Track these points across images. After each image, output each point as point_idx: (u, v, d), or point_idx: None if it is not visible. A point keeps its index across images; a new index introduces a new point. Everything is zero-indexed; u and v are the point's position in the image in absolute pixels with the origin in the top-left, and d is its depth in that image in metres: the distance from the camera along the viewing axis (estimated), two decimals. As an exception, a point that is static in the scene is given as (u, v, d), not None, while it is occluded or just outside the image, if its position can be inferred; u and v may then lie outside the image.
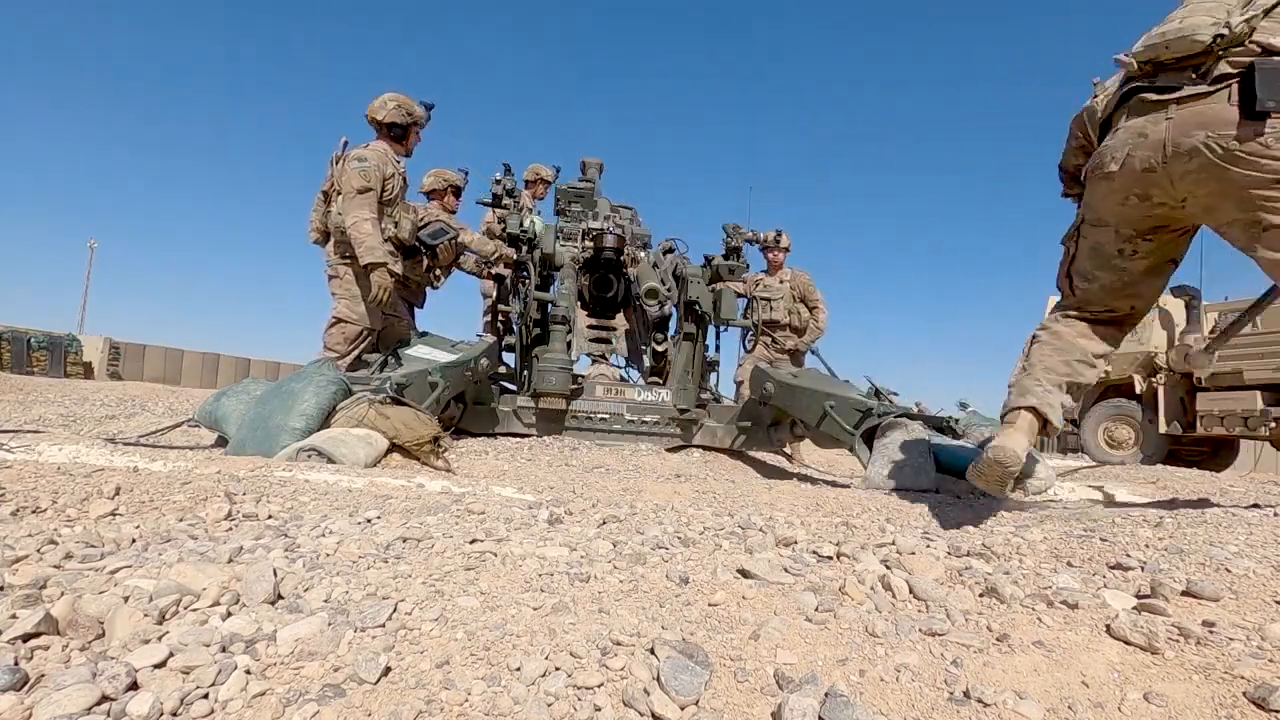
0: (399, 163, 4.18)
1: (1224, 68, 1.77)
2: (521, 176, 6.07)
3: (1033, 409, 2.13)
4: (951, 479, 3.33)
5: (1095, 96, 2.18)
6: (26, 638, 0.84)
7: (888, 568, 1.22)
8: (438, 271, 4.78)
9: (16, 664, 0.77)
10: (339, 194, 3.95)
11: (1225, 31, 1.75)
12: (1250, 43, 1.76)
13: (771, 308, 5.82)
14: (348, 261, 4.05)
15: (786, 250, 6.00)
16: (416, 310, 4.76)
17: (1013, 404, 2.16)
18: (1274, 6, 1.75)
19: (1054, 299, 11.08)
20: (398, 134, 4.13)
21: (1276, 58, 1.71)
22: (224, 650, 0.82)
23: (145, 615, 0.89)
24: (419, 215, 4.59)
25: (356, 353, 4.06)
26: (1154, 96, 1.85)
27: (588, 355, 5.06)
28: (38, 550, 1.15)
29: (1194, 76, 1.81)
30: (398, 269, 4.09)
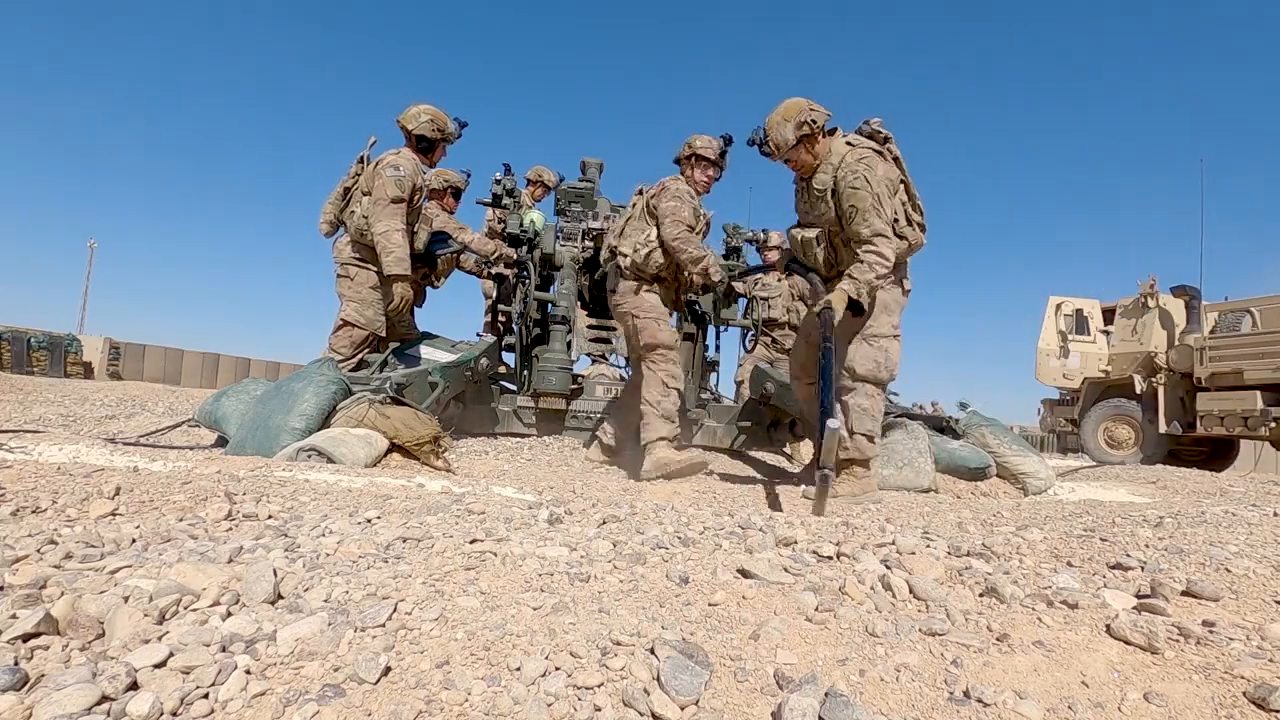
0: (424, 174, 4.19)
1: (609, 268, 3.72)
2: (524, 175, 6.05)
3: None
4: (951, 479, 3.33)
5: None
6: (26, 638, 0.84)
7: (888, 568, 1.22)
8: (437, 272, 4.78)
9: (16, 664, 0.77)
10: (365, 195, 3.93)
11: (608, 253, 3.74)
12: (614, 249, 3.59)
13: (770, 306, 5.80)
14: (364, 264, 4.03)
15: (776, 249, 5.98)
16: (416, 310, 4.76)
17: None
18: (623, 228, 3.58)
19: (1054, 299, 11.02)
20: (424, 146, 4.12)
21: (621, 259, 3.52)
22: (224, 650, 0.82)
23: (145, 615, 0.89)
24: (432, 225, 4.60)
25: (360, 356, 4.06)
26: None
27: (588, 355, 5.06)
28: (38, 550, 1.15)
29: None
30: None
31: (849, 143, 2.81)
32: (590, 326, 5.15)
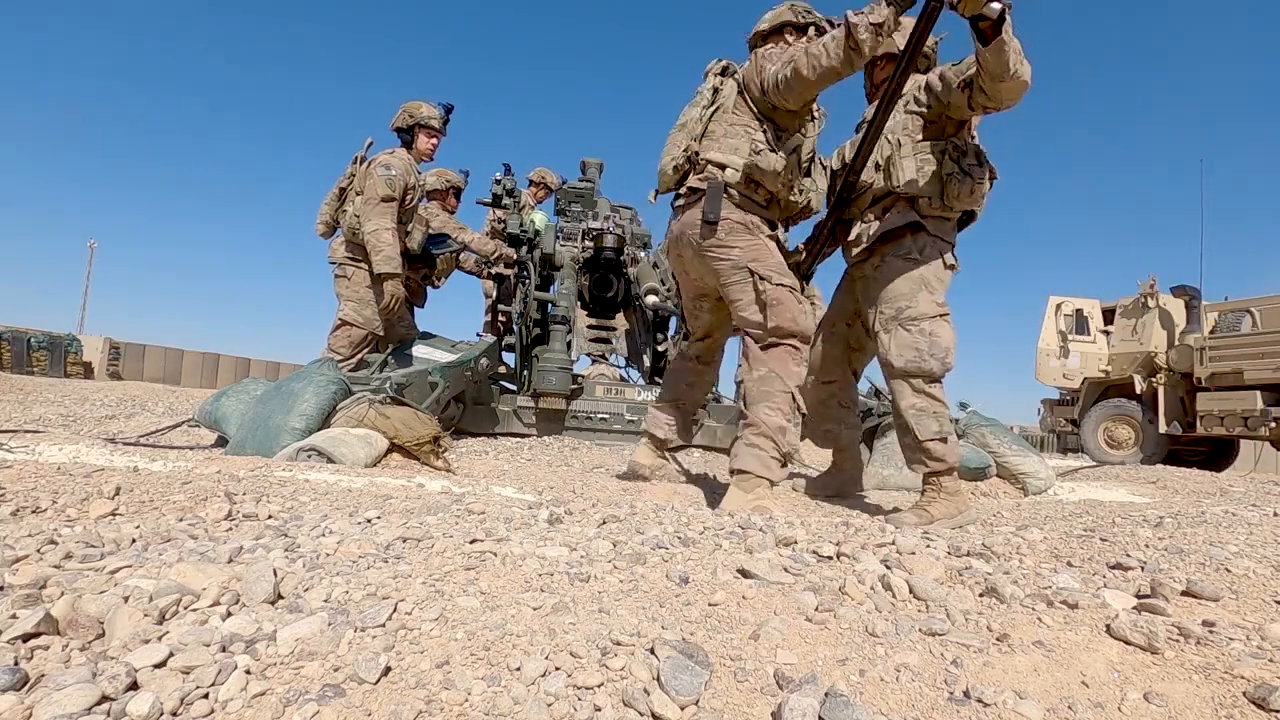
0: (418, 173, 4.20)
1: (696, 182, 2.48)
2: (526, 176, 6.05)
3: (648, 433, 3.06)
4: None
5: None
6: (26, 638, 0.84)
7: (888, 568, 1.22)
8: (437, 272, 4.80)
9: (16, 664, 0.77)
10: (358, 195, 3.95)
11: (680, 162, 2.52)
12: (703, 160, 2.47)
13: None
14: (359, 263, 4.05)
15: None
16: (416, 310, 4.76)
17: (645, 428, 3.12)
18: (703, 134, 2.49)
19: (1054, 299, 11.04)
20: (405, 140, 4.14)
21: (719, 177, 2.41)
22: (224, 650, 0.82)
23: (145, 615, 0.89)
24: (429, 225, 4.61)
25: (360, 356, 4.07)
26: (676, 203, 2.64)
27: (588, 355, 5.07)
28: (38, 550, 1.15)
29: (680, 190, 2.58)
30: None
31: None
32: (590, 326, 5.16)
